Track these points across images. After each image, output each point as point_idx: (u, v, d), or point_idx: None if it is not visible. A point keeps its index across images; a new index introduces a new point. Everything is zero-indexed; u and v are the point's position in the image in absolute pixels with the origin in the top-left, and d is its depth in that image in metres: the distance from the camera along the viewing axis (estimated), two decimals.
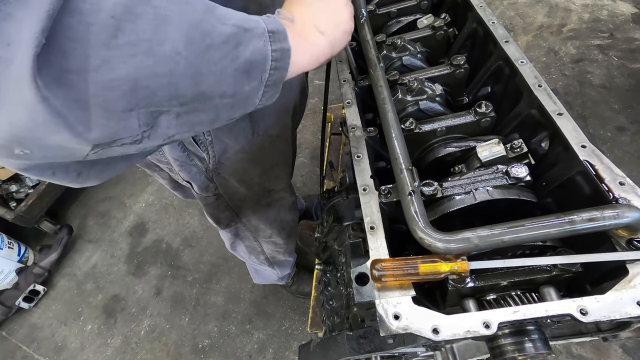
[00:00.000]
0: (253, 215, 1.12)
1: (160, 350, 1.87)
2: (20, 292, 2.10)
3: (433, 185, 0.65)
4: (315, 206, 1.99)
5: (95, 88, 0.34)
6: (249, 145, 0.85)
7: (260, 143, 0.87)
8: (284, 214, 1.22)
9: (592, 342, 1.48)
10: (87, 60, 0.33)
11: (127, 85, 0.36)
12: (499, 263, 0.53)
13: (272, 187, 1.06)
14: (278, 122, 0.89)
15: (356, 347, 0.69)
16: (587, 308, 0.47)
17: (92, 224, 2.47)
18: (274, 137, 0.90)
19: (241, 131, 0.81)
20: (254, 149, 0.87)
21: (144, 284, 2.12)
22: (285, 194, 1.14)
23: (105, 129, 0.37)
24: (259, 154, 0.89)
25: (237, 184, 0.95)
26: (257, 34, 0.46)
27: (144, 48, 0.36)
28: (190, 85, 0.41)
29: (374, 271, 0.53)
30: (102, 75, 0.34)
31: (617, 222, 0.48)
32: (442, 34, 1.01)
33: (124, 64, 0.35)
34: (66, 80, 0.33)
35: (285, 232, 1.29)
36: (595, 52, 2.39)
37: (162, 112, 0.41)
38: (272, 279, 1.68)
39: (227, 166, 0.87)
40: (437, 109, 0.85)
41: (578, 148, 0.60)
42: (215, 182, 0.91)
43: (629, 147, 1.98)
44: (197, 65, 0.40)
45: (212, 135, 0.78)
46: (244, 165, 0.89)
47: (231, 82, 0.44)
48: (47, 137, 0.35)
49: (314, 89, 2.74)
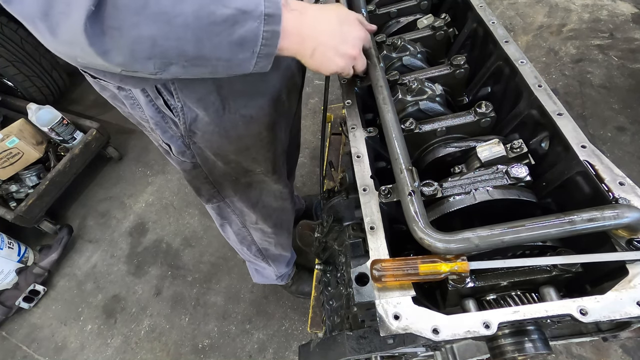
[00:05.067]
0: (235, 195, 1.14)
1: (160, 350, 1.87)
2: (20, 292, 2.10)
3: (433, 185, 0.65)
4: (315, 206, 1.99)
5: (127, 40, 0.53)
6: (220, 120, 0.87)
7: (233, 121, 0.89)
8: (268, 199, 1.22)
9: (592, 342, 1.48)
10: (123, 21, 0.51)
11: (148, 42, 0.53)
12: (499, 263, 0.53)
13: (250, 168, 1.07)
14: (251, 103, 0.90)
15: (356, 347, 0.69)
16: (587, 308, 0.47)
17: (92, 224, 2.47)
18: (247, 118, 0.92)
19: (210, 104, 0.83)
20: (227, 126, 0.89)
21: (144, 284, 2.12)
22: (267, 179, 1.14)
23: (131, 65, 0.57)
24: (232, 132, 0.92)
25: (213, 157, 0.97)
26: (253, 16, 0.57)
27: (163, 18, 0.52)
28: (194, 49, 0.57)
29: (374, 271, 0.53)
30: (132, 32, 0.52)
31: (617, 222, 0.48)
32: (442, 34, 1.01)
33: (147, 27, 0.52)
34: (108, 32, 0.51)
35: (271, 219, 1.29)
36: (595, 52, 2.39)
37: (172, 63, 0.58)
38: (271, 278, 1.68)
39: (200, 136, 0.90)
40: (437, 109, 0.85)
41: (578, 148, 0.60)
42: (191, 149, 0.94)
43: (629, 147, 1.98)
44: (200, 35, 0.55)
45: (182, 102, 0.81)
46: (218, 140, 0.92)
47: (226, 50, 0.59)
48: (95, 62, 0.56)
49: (314, 89, 2.73)
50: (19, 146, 2.23)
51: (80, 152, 2.41)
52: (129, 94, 0.80)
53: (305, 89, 2.75)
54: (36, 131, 2.39)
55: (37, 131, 2.40)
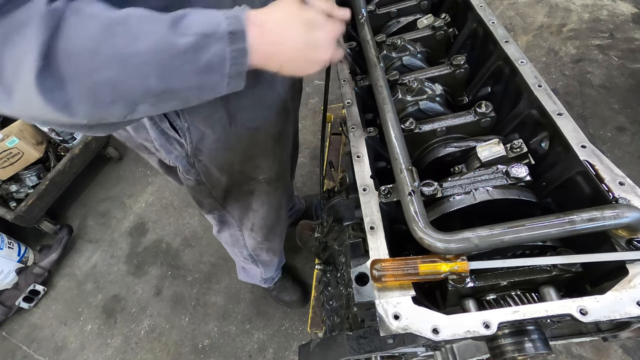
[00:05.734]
0: (236, 203, 1.14)
1: (160, 350, 1.87)
2: (20, 292, 2.09)
3: (433, 185, 0.65)
4: (315, 206, 1.99)
5: (85, 88, 0.48)
6: (226, 135, 0.87)
7: (239, 133, 0.88)
8: (269, 210, 1.22)
9: (592, 342, 1.48)
10: (77, 69, 0.47)
11: (107, 86, 0.49)
12: (499, 263, 0.53)
13: (254, 176, 1.07)
14: (259, 115, 0.90)
15: (356, 347, 0.69)
16: (587, 308, 0.47)
17: (92, 224, 2.46)
18: (253, 130, 0.91)
19: (217, 121, 0.83)
20: (232, 139, 0.89)
21: (144, 284, 2.12)
22: (269, 188, 1.13)
23: (95, 114, 0.53)
24: (238, 144, 0.91)
25: (218, 173, 0.97)
26: (217, 37, 0.53)
27: (119, 60, 0.48)
28: (159, 85, 0.52)
29: (374, 271, 0.53)
30: (89, 79, 0.48)
31: (617, 222, 0.48)
32: (442, 34, 1.01)
33: (104, 72, 0.48)
34: (63, 84, 0.47)
35: (267, 227, 1.30)
36: (595, 52, 2.39)
37: (138, 103, 0.54)
38: (256, 279, 1.69)
39: (206, 154, 0.89)
40: (437, 109, 0.85)
41: (578, 148, 0.60)
42: (196, 167, 0.93)
43: (629, 147, 1.97)
44: (162, 70, 0.51)
45: (188, 122, 0.80)
46: (224, 154, 0.92)
47: (194, 79, 0.54)
48: (57, 119, 0.51)
49: (314, 89, 2.73)
50: (19, 146, 2.23)
51: (80, 152, 2.41)
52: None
53: (305, 89, 2.74)
54: (36, 131, 2.39)
55: (37, 131, 2.40)
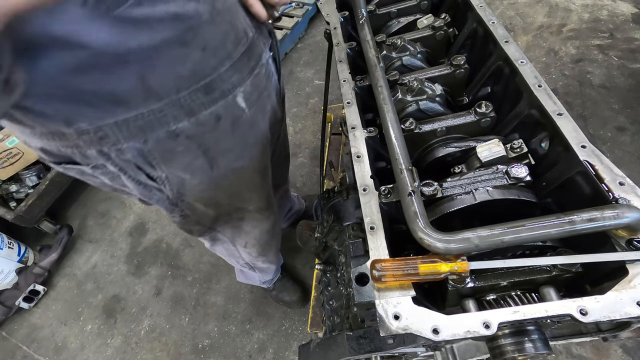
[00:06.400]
0: (226, 226, 1.12)
1: (160, 350, 1.87)
2: (20, 292, 2.09)
3: (433, 185, 0.65)
4: (315, 206, 1.99)
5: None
6: (210, 178, 0.84)
7: (224, 174, 0.86)
8: (261, 233, 1.21)
9: (592, 342, 1.48)
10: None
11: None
12: (499, 263, 0.53)
13: (243, 207, 1.05)
14: (242, 156, 0.87)
15: (356, 347, 0.69)
16: (587, 308, 0.47)
17: (92, 224, 2.46)
18: (238, 169, 0.88)
19: (197, 168, 0.80)
20: (216, 180, 0.86)
21: (144, 284, 2.12)
22: (260, 216, 1.12)
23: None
24: (223, 183, 0.88)
25: (204, 208, 0.94)
26: None
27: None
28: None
29: (374, 271, 0.53)
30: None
31: (617, 222, 0.48)
32: (442, 34, 1.01)
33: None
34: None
35: (260, 245, 1.29)
36: (595, 52, 2.39)
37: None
38: (255, 280, 1.70)
39: (189, 195, 0.86)
40: (437, 109, 0.85)
41: (578, 148, 0.60)
42: (180, 206, 0.89)
43: (629, 147, 1.97)
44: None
45: (165, 172, 0.76)
46: (208, 193, 0.89)
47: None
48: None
49: (314, 89, 2.73)
50: (19, 146, 2.23)
51: None
52: (105, 170, 0.73)
53: (305, 88, 2.74)
54: None
55: None
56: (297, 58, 2.97)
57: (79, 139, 0.65)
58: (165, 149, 0.72)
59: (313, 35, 3.10)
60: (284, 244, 2.02)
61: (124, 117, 0.63)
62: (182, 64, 0.64)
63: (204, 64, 0.68)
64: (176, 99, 0.66)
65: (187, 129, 0.71)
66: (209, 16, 0.65)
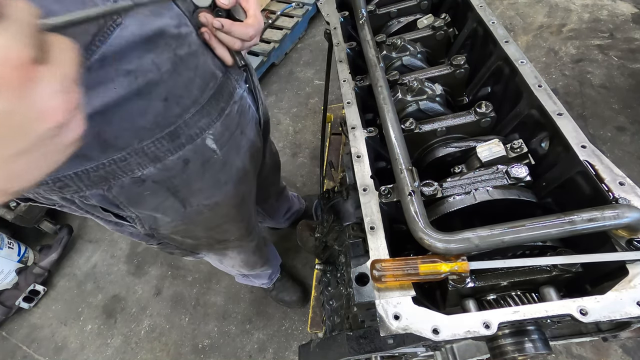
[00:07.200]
0: (210, 252, 1.10)
1: (160, 350, 1.87)
2: (20, 292, 2.09)
3: (433, 185, 0.65)
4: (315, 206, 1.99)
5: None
6: (182, 216, 0.81)
7: (198, 211, 0.83)
8: (247, 255, 1.20)
9: (592, 342, 1.48)
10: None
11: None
12: (499, 263, 0.53)
13: (224, 238, 1.03)
14: (215, 193, 0.84)
15: (356, 347, 0.69)
16: (587, 308, 0.46)
17: (92, 224, 2.46)
18: (213, 205, 0.85)
19: (168, 208, 0.77)
20: (191, 216, 0.83)
21: (144, 284, 2.12)
22: (242, 243, 1.10)
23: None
24: (198, 218, 0.85)
25: (181, 239, 0.92)
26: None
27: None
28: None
29: (374, 271, 0.53)
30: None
31: (617, 222, 0.48)
32: (442, 34, 1.01)
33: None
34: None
35: (249, 266, 1.29)
36: (595, 52, 2.39)
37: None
38: (254, 283, 1.70)
39: (163, 229, 0.84)
40: (437, 109, 0.85)
41: (578, 148, 0.60)
42: (156, 237, 0.86)
43: (629, 147, 1.97)
44: None
45: (134, 212, 0.74)
46: (184, 227, 0.86)
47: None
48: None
49: (314, 89, 2.73)
50: None
51: None
52: (73, 209, 0.71)
53: (305, 88, 2.75)
54: None
55: None
56: (297, 58, 2.97)
57: (38, 188, 0.62)
58: (132, 193, 0.69)
59: (313, 35, 3.10)
60: (284, 244, 2.02)
61: (84, 168, 0.60)
62: (142, 116, 0.61)
63: (167, 114, 0.64)
64: (139, 148, 0.63)
65: (154, 174, 0.68)
66: (171, 66, 0.61)
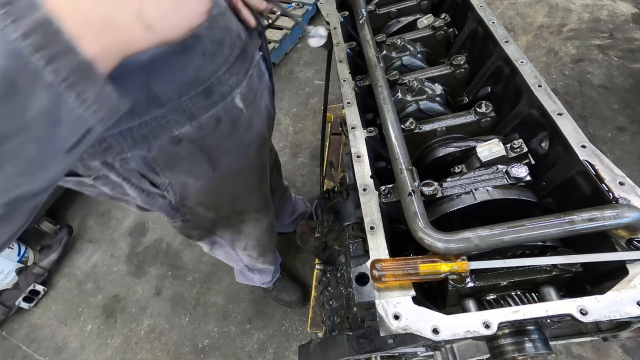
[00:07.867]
0: (227, 229, 1.14)
1: (160, 350, 1.87)
2: (20, 292, 2.09)
3: (433, 185, 0.65)
4: (315, 206, 1.99)
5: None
6: (211, 181, 0.86)
7: (223, 176, 0.88)
8: (260, 233, 1.24)
9: (592, 342, 1.48)
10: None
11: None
12: (499, 263, 0.53)
13: (242, 209, 1.08)
14: (242, 156, 0.90)
15: (356, 347, 0.69)
16: (587, 308, 0.47)
17: (92, 224, 2.46)
18: (238, 170, 0.91)
19: (199, 171, 0.82)
20: (217, 183, 0.88)
21: (144, 284, 2.12)
22: (259, 216, 1.16)
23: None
24: (224, 186, 0.91)
25: (204, 211, 0.96)
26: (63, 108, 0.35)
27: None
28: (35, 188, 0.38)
29: (374, 271, 0.53)
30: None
31: (617, 222, 0.48)
32: (442, 34, 1.01)
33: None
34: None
35: (260, 246, 1.32)
36: (595, 52, 2.39)
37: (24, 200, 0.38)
38: (254, 281, 1.71)
39: (191, 199, 0.88)
40: (437, 109, 0.85)
41: (578, 148, 0.60)
42: (181, 210, 0.92)
43: (629, 147, 1.97)
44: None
45: (169, 178, 0.78)
46: (209, 196, 0.91)
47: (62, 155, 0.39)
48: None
49: (314, 89, 2.73)
50: None
51: None
52: (107, 180, 0.73)
53: (305, 89, 2.75)
54: None
55: None
56: (297, 58, 2.97)
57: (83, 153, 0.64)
58: (169, 154, 0.73)
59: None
60: (284, 244, 2.02)
61: (128, 126, 0.63)
62: (185, 70, 0.66)
63: (204, 69, 0.69)
64: (178, 104, 0.67)
65: (190, 133, 0.72)
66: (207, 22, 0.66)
